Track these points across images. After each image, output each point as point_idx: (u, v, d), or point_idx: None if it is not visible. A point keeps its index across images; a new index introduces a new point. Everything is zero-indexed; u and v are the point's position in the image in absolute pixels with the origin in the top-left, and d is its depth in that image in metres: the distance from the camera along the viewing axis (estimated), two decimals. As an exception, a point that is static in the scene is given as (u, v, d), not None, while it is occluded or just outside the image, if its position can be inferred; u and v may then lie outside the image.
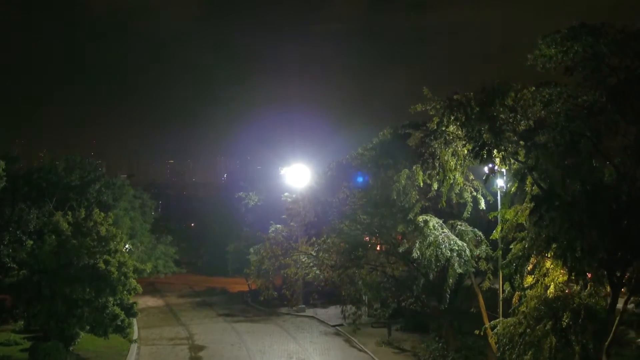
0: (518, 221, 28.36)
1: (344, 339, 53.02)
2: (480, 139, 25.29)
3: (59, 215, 41.86)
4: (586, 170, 24.52)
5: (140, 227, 67.56)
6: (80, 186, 57.69)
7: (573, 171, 23.91)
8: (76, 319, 39.35)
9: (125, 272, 40.97)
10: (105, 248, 40.74)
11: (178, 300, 74.33)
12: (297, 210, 45.53)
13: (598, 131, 24.72)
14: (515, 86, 26.14)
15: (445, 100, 28.27)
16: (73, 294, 38.83)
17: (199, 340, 52.58)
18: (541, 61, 25.04)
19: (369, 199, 40.42)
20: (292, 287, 48.38)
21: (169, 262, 71.25)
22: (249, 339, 52.82)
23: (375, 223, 41.66)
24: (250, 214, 74.80)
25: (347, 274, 42.26)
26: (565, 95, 24.70)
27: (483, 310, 38.48)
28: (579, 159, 24.71)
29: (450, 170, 28.97)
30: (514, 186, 28.54)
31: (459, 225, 37.14)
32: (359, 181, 40.41)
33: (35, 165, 66.06)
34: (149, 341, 51.98)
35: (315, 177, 46.03)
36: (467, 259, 35.41)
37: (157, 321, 60.81)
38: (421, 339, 49.29)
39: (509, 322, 27.64)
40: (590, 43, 23.47)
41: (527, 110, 25.40)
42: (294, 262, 48.44)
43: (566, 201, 22.67)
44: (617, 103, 23.91)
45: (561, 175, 23.70)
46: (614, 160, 24.99)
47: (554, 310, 25.73)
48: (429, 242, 34.89)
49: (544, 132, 25.03)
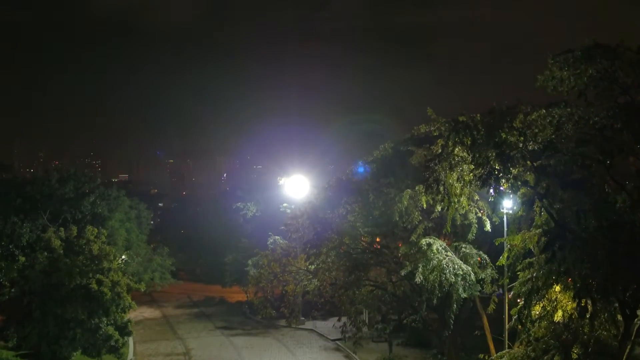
0: (526, 247, 27.29)
1: (344, 355, 52.08)
2: (488, 165, 24.14)
3: (51, 232, 40.87)
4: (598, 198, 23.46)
5: (136, 239, 66.51)
6: (74, 199, 56.71)
7: (587, 206, 22.79)
8: (68, 340, 38.37)
9: (119, 291, 39.89)
10: (98, 267, 39.77)
11: (175, 311, 73.30)
12: (296, 227, 44.44)
13: (610, 155, 23.67)
14: (524, 108, 25.03)
15: (450, 122, 27.18)
16: (65, 315, 37.85)
17: (196, 356, 51.66)
18: (552, 83, 23.91)
19: (371, 218, 39.40)
20: (291, 305, 47.30)
21: (166, 274, 70.14)
22: (247, 355, 51.85)
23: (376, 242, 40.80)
24: (249, 225, 73.86)
25: (347, 295, 41.18)
26: (577, 117, 23.59)
27: (488, 333, 37.50)
28: (591, 186, 23.66)
29: (455, 195, 27.84)
30: (520, 210, 27.49)
31: (463, 247, 36.02)
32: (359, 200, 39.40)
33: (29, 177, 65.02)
34: (145, 357, 50.96)
35: (315, 193, 45.08)
36: (472, 283, 34.32)
37: (154, 335, 59.77)
38: (423, 355, 48.54)
39: (516, 353, 26.55)
40: (605, 66, 22.37)
41: (536, 135, 24.25)
42: (292, 278, 47.41)
43: (580, 237, 21.59)
44: (628, 123, 22.81)
45: (575, 212, 22.57)
46: (627, 186, 23.88)
47: (563, 343, 24.66)
48: (433, 267, 33.75)
49: (554, 157, 23.97)
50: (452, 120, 27.13)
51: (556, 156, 23.85)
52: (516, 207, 28.57)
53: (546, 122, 24.35)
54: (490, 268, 35.29)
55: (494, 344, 37.29)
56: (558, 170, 24.05)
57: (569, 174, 23.84)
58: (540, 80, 24.37)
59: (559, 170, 24.03)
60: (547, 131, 24.12)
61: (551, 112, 24.37)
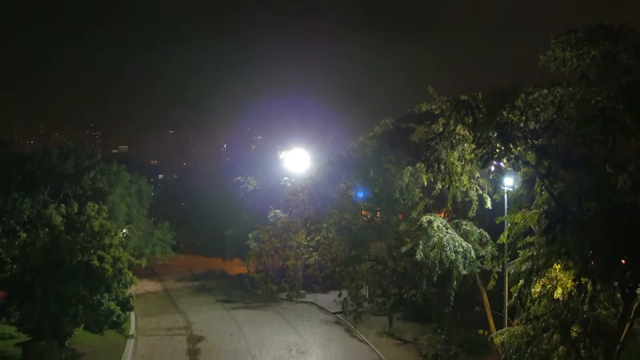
0: (527, 226, 27.36)
1: (345, 329, 52.35)
2: (489, 145, 24.09)
3: (51, 208, 40.76)
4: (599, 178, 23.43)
5: (137, 213, 66.45)
6: (74, 174, 56.65)
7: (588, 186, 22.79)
8: (70, 317, 38.42)
9: (120, 268, 39.96)
10: (99, 243, 39.73)
11: (176, 284, 73.66)
12: (297, 202, 44.47)
13: (612, 136, 23.63)
14: (526, 88, 24.92)
15: (451, 100, 27.12)
16: (66, 292, 37.90)
17: (197, 330, 51.84)
18: (554, 64, 23.80)
19: (371, 195, 39.46)
20: (292, 280, 47.46)
21: (167, 248, 70.32)
22: (248, 329, 52.06)
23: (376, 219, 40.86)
24: (249, 199, 73.80)
25: (348, 271, 41.35)
26: (579, 97, 23.49)
27: (488, 309, 37.66)
28: (592, 165, 23.63)
29: (456, 173, 27.85)
30: (521, 189, 27.52)
31: (463, 224, 36.10)
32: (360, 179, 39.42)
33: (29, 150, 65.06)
34: (146, 331, 51.24)
35: (315, 169, 45.01)
36: (472, 260, 34.46)
37: (155, 309, 60.02)
38: (423, 329, 48.62)
39: (515, 331, 26.70)
40: (608, 48, 22.23)
41: (538, 114, 24.17)
42: (293, 253, 47.54)
43: (581, 220, 21.61)
44: (630, 104, 22.71)
45: (577, 195, 22.58)
46: (628, 167, 23.83)
47: (563, 322, 24.79)
48: (433, 244, 33.84)
49: (555, 137, 23.92)
50: (454, 99, 27.09)
51: (557, 136, 23.81)
52: (517, 185, 28.58)
53: (548, 101, 24.28)
54: (491, 245, 35.39)
55: (494, 320, 37.47)
56: (559, 149, 24.03)
57: (570, 154, 23.82)
58: (543, 60, 24.29)
59: (560, 150, 24.01)
60: (548, 111, 24.06)
61: (553, 91, 24.28)
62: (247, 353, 45.26)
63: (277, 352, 45.67)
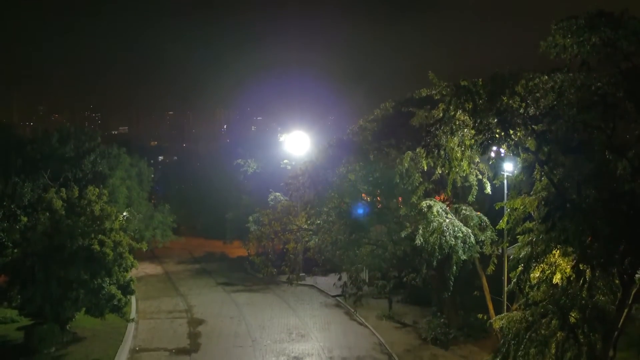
0: (526, 211, 27.38)
1: (345, 312, 52.54)
2: (489, 132, 24.06)
3: (52, 192, 40.83)
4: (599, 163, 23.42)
5: (137, 196, 66.70)
6: (75, 158, 56.72)
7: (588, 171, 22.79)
8: (71, 301, 38.61)
9: (121, 252, 40.13)
10: (99, 227, 39.86)
11: (177, 267, 73.98)
12: (297, 186, 44.52)
13: (612, 122, 23.58)
14: (526, 75, 24.83)
15: (451, 86, 27.02)
16: (68, 277, 38.09)
17: (197, 314, 52.09)
18: (555, 50, 23.69)
19: (371, 178, 39.51)
20: (292, 264, 47.63)
21: (167, 230, 70.66)
22: (248, 311, 52.28)
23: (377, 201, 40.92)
24: (249, 182, 73.98)
25: (348, 255, 41.50)
26: (579, 83, 23.41)
27: (487, 294, 37.81)
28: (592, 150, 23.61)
29: (456, 159, 27.80)
30: (521, 175, 27.51)
31: (463, 209, 36.18)
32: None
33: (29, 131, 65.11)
34: (147, 314, 51.51)
35: (316, 152, 44.99)
36: (472, 245, 34.57)
37: (156, 291, 60.37)
38: (422, 312, 48.85)
39: (514, 316, 26.79)
40: (609, 35, 22.13)
41: (539, 101, 24.11)
42: (293, 236, 47.66)
43: (581, 208, 21.63)
44: (630, 92, 22.67)
45: (576, 183, 22.57)
46: (628, 154, 23.81)
47: (561, 308, 24.88)
48: (433, 229, 33.93)
49: (555, 123, 23.87)
50: (454, 84, 26.96)
51: (557, 122, 23.77)
52: (517, 171, 28.58)
53: (548, 87, 24.21)
54: (490, 230, 35.48)
55: (493, 304, 37.64)
56: (559, 135, 23.98)
57: (570, 140, 23.78)
58: (543, 47, 24.13)
59: (560, 136, 23.97)
60: (549, 97, 23.98)
61: (553, 77, 24.20)
62: (248, 336, 45.47)
63: (277, 335, 45.88)
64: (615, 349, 25.07)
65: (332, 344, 43.79)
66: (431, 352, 41.41)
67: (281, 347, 43.04)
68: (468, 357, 40.58)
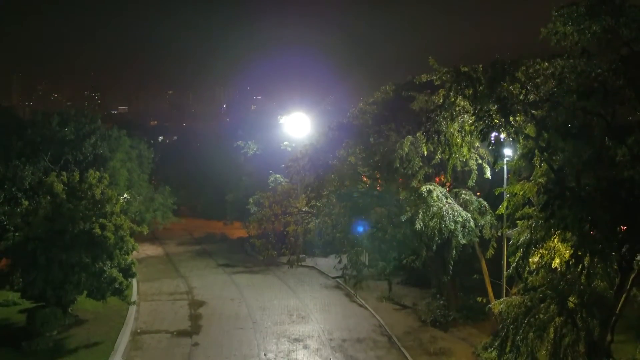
0: (526, 196, 27.47)
1: (345, 293, 52.81)
2: (489, 118, 24.10)
3: (53, 176, 40.87)
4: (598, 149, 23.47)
5: (138, 178, 66.73)
6: (75, 140, 56.63)
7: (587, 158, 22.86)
8: (73, 285, 38.78)
9: (122, 235, 40.26)
10: (100, 211, 39.95)
11: (177, 248, 74.27)
12: (297, 169, 44.58)
13: (612, 109, 23.63)
14: (526, 62, 24.85)
15: (452, 72, 27.01)
16: (69, 260, 38.23)
17: (198, 295, 52.39)
18: (555, 37, 23.72)
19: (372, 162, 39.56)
20: (292, 247, 47.78)
21: (168, 212, 70.67)
22: (249, 293, 52.56)
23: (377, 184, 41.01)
24: (250, 164, 73.94)
25: (348, 238, 41.64)
26: (579, 69, 23.43)
27: (486, 277, 37.97)
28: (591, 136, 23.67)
29: (456, 145, 27.88)
30: (521, 161, 27.56)
31: (463, 194, 36.24)
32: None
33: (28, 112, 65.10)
34: (148, 296, 51.81)
35: (316, 135, 44.99)
36: (471, 229, 34.66)
37: (157, 273, 60.67)
38: (422, 294, 49.10)
39: (513, 301, 26.99)
40: (609, 23, 22.12)
41: (539, 87, 24.15)
42: (294, 219, 47.76)
43: (580, 196, 21.70)
44: (630, 79, 22.69)
45: (575, 172, 22.65)
46: (627, 140, 23.85)
47: (560, 293, 25.07)
48: (433, 213, 34.03)
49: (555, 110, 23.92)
50: (454, 70, 26.95)
51: (557, 109, 23.81)
52: (516, 156, 28.61)
53: (548, 73, 24.23)
54: (490, 215, 35.57)
55: (492, 287, 37.83)
56: (559, 121, 24.02)
57: (570, 127, 23.82)
58: (544, 33, 24.20)
59: (560, 122, 24.01)
60: (549, 84, 24.02)
61: (554, 63, 24.22)
62: (249, 318, 45.77)
63: (277, 316, 46.17)
64: (612, 334, 25.30)
65: (332, 325, 44.10)
66: (430, 334, 41.69)
67: (282, 329, 43.34)
68: (467, 339, 40.83)
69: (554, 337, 25.06)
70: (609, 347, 25.48)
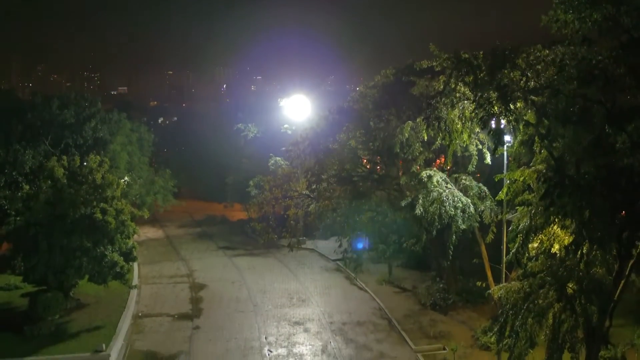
0: (526, 183, 27.51)
1: (345, 276, 53.03)
2: (490, 106, 24.07)
3: (53, 161, 40.90)
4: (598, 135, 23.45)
5: (138, 161, 66.77)
6: (75, 124, 56.54)
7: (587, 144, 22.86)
8: (74, 269, 38.90)
9: (123, 219, 40.35)
10: (101, 196, 40.03)
11: (178, 230, 74.40)
12: (297, 153, 44.57)
13: (612, 96, 23.57)
14: (527, 49, 24.79)
15: (452, 58, 26.95)
16: (70, 245, 38.36)
17: (199, 278, 52.63)
18: (556, 25, 23.62)
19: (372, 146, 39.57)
20: (293, 230, 47.84)
21: (168, 195, 70.81)
22: (249, 276, 52.83)
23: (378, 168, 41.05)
24: (250, 146, 73.82)
25: (348, 222, 41.74)
26: (580, 57, 23.37)
27: (486, 261, 38.08)
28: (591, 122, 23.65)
29: (456, 131, 27.90)
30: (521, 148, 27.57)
31: (463, 179, 36.30)
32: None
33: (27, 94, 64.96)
34: (149, 279, 52.07)
35: (316, 119, 44.93)
36: (471, 214, 34.74)
37: (157, 255, 60.88)
38: (422, 277, 49.30)
39: (512, 287, 27.10)
40: (610, 11, 22.02)
41: (539, 74, 24.09)
42: (294, 202, 47.79)
43: (579, 185, 21.72)
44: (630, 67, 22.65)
45: (575, 160, 22.64)
46: (627, 127, 23.85)
47: (559, 279, 25.18)
48: (433, 199, 34.10)
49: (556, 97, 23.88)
50: (455, 56, 26.88)
51: (558, 96, 23.77)
52: (516, 143, 28.61)
53: (549, 59, 24.18)
54: (490, 200, 35.63)
55: (492, 271, 37.97)
56: (559, 107, 23.98)
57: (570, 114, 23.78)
58: (545, 21, 24.07)
59: (560, 108, 23.97)
60: (549, 71, 23.96)
61: (554, 50, 24.17)
62: (249, 301, 46.05)
63: (278, 299, 46.46)
64: (611, 319, 25.46)
65: (332, 308, 44.39)
66: (430, 318, 42.01)
67: (282, 312, 43.64)
68: (467, 322, 41.15)
69: (553, 322, 25.21)
70: (607, 332, 25.68)
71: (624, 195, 21.68)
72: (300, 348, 37.73)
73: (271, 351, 37.11)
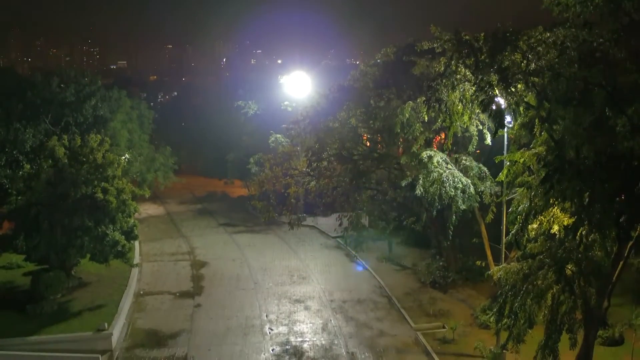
0: (526, 165, 27.53)
1: (345, 253, 53.30)
2: (490, 89, 24.03)
3: (54, 140, 40.86)
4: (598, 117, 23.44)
5: (139, 139, 66.66)
6: (75, 102, 56.34)
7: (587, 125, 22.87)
8: (76, 248, 39.14)
9: (124, 199, 40.42)
10: (102, 175, 40.05)
11: (178, 207, 74.64)
12: (298, 132, 44.51)
13: (613, 79, 23.52)
14: (528, 32, 24.69)
15: (453, 40, 26.81)
16: (72, 225, 38.51)
17: (200, 255, 52.93)
18: (557, 9, 23.50)
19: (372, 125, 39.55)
20: (293, 208, 47.87)
21: (169, 172, 70.84)
22: (250, 254, 53.12)
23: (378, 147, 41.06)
24: (250, 124, 73.62)
25: (349, 201, 41.87)
26: (581, 39, 23.31)
27: (485, 241, 38.17)
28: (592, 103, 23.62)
29: (457, 113, 27.80)
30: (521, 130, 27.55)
31: (463, 160, 36.31)
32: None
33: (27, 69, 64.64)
34: (150, 257, 52.35)
35: (317, 97, 44.80)
36: (471, 195, 34.79)
37: (158, 233, 61.14)
38: (421, 255, 49.52)
39: (512, 268, 27.25)
40: (611, -5, 21.94)
41: (540, 57, 24.02)
42: (294, 181, 47.80)
43: (579, 169, 21.75)
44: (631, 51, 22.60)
45: (575, 145, 22.64)
46: (628, 110, 23.83)
47: (558, 261, 25.33)
48: (433, 179, 34.13)
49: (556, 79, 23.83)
50: (455, 38, 26.74)
51: (559, 79, 23.73)
52: (517, 126, 28.59)
53: (550, 41, 24.09)
54: (490, 180, 35.68)
55: (491, 250, 38.09)
56: (560, 90, 23.94)
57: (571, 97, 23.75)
58: (546, 3, 23.95)
59: (560, 91, 23.93)
60: (550, 54, 23.89)
61: (555, 32, 24.07)
62: (250, 279, 46.36)
63: (278, 277, 46.79)
64: (609, 301, 25.65)
65: (332, 286, 44.70)
66: (430, 296, 42.24)
67: (283, 290, 43.95)
68: (466, 300, 41.47)
69: (552, 304, 25.45)
70: (606, 313, 25.90)
71: (623, 180, 21.72)
72: (300, 326, 38.06)
73: (272, 329, 37.42)
